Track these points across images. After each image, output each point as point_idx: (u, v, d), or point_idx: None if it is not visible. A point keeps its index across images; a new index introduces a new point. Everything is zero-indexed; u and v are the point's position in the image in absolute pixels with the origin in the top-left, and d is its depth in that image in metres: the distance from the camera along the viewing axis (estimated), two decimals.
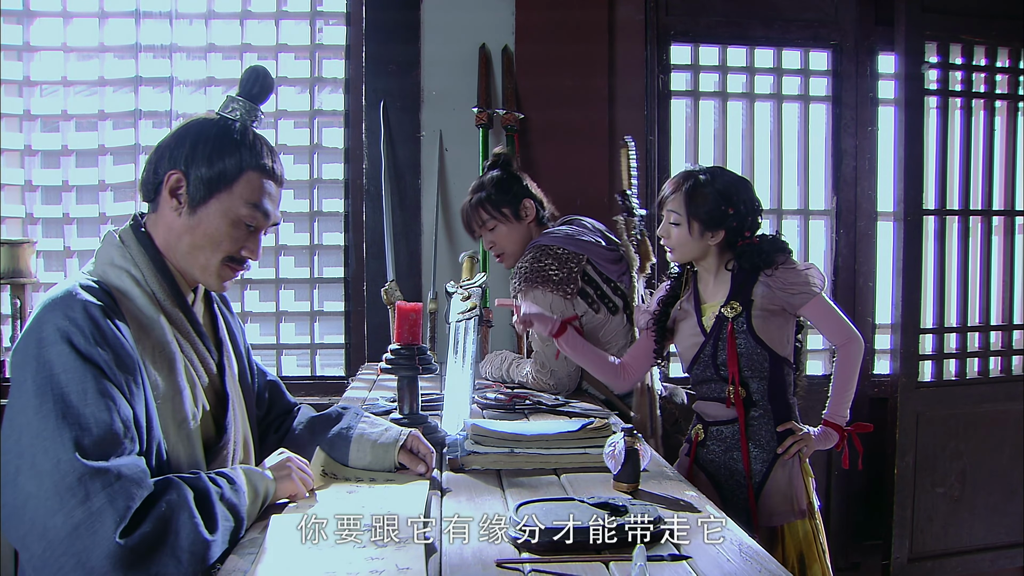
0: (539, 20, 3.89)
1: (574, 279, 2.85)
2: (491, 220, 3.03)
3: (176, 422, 1.53)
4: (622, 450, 1.72)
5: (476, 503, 1.66)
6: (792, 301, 2.42)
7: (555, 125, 3.89)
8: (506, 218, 3.03)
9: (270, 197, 1.66)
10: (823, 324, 2.45)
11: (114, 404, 1.36)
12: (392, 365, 2.11)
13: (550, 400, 2.69)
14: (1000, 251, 4.31)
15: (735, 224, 2.47)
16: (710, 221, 2.46)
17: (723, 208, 2.45)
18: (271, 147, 1.69)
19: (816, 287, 2.42)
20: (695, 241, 2.48)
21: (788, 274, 2.43)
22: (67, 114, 3.93)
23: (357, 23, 3.93)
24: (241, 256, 1.66)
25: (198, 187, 1.59)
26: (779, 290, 2.42)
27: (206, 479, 1.42)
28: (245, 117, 1.66)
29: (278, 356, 4.01)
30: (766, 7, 4.13)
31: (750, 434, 2.46)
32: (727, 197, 2.46)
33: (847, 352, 2.44)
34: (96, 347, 1.38)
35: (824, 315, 2.44)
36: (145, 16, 3.92)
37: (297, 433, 1.91)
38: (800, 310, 2.44)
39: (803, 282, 2.42)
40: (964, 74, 4.18)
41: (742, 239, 2.48)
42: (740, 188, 2.49)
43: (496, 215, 3.03)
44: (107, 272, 1.56)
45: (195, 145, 1.60)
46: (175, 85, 3.92)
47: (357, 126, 3.94)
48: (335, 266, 4.05)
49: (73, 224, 3.95)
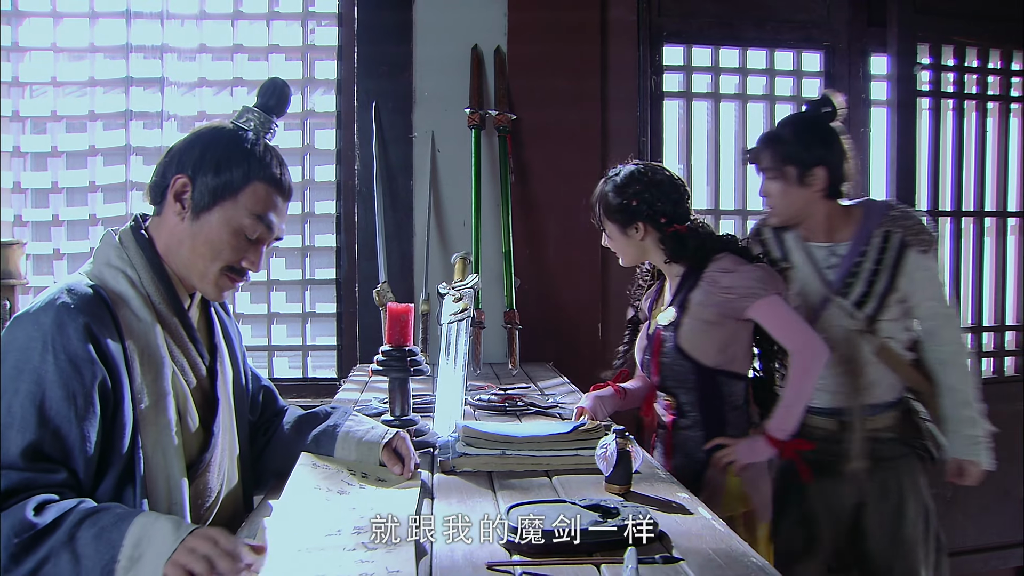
0: (531, 21, 3.88)
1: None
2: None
3: (158, 428, 1.52)
4: (614, 452, 1.71)
5: (467, 505, 1.65)
6: (736, 306, 2.28)
7: (547, 126, 3.89)
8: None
9: (275, 210, 1.66)
10: (773, 329, 2.29)
11: (40, 426, 1.36)
12: (383, 367, 2.11)
13: (542, 401, 2.68)
14: (992, 252, 4.32)
15: (647, 212, 2.36)
16: (621, 217, 2.39)
17: (624, 201, 2.37)
18: (281, 159, 1.69)
19: (762, 288, 2.27)
20: (624, 239, 2.42)
21: (728, 277, 2.29)
22: (57, 115, 3.91)
23: (349, 24, 3.92)
24: (241, 267, 1.66)
25: (203, 193, 1.59)
26: (720, 294, 2.29)
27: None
28: (259, 128, 1.67)
29: (270, 358, 4.00)
30: (759, 8, 4.13)
31: (677, 443, 2.39)
32: (623, 189, 2.37)
33: (799, 360, 2.25)
34: (51, 358, 1.39)
35: (773, 318, 2.28)
36: (136, 16, 3.90)
37: (285, 432, 1.91)
38: (747, 314, 2.28)
39: (746, 284, 2.28)
40: (956, 75, 4.20)
41: (669, 228, 2.38)
42: (637, 177, 2.38)
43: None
44: (103, 272, 1.56)
45: (204, 151, 1.60)
46: (166, 86, 3.90)
47: (349, 127, 3.92)
48: (327, 267, 4.03)
49: (63, 226, 3.92)
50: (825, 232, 2.57)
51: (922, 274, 2.49)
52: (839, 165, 2.52)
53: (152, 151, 3.88)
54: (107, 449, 1.44)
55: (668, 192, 2.38)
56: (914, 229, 2.49)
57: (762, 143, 2.58)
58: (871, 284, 2.49)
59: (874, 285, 2.49)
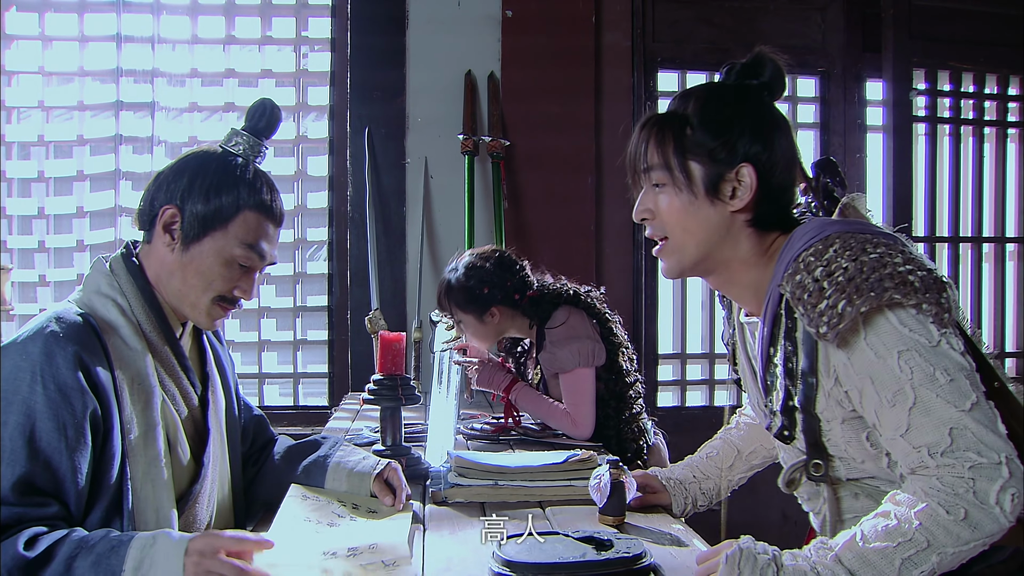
0: (525, 46, 3.87)
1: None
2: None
3: (147, 459, 1.48)
4: (607, 483, 1.67)
5: (459, 537, 1.60)
6: (554, 370, 2.56)
7: (541, 152, 3.87)
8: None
9: (267, 237, 1.62)
10: (564, 393, 2.54)
11: (30, 459, 1.33)
12: (375, 395, 2.08)
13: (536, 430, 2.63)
14: (991, 279, 4.29)
15: (500, 296, 2.57)
16: (476, 307, 2.58)
17: (476, 292, 2.57)
18: (272, 184, 1.64)
19: (564, 365, 2.51)
20: (482, 327, 2.62)
21: (551, 348, 2.54)
22: (44, 140, 3.87)
23: (342, 49, 3.91)
24: (233, 296, 1.62)
25: (192, 224, 1.55)
26: (546, 362, 2.56)
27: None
28: (248, 152, 1.62)
29: (260, 385, 3.95)
30: (753, 34, 4.12)
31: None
32: (469, 280, 2.57)
33: (563, 418, 2.51)
34: (41, 388, 1.35)
35: (568, 385, 2.53)
36: (127, 40, 3.88)
37: (275, 462, 1.87)
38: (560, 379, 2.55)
39: (553, 357, 2.53)
40: (952, 101, 4.19)
41: (524, 299, 2.60)
42: (478, 266, 2.59)
43: None
44: (93, 301, 1.53)
45: (193, 180, 1.56)
46: (157, 110, 3.87)
47: (342, 153, 3.90)
48: (319, 294, 4.00)
49: (48, 253, 3.87)
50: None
51: (847, 369, 1.32)
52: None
53: (141, 176, 3.84)
54: (96, 480, 1.41)
55: (509, 271, 2.62)
56: (808, 299, 1.28)
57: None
58: (788, 385, 1.41)
59: (791, 387, 1.41)
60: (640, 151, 1.43)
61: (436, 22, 3.88)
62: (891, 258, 1.27)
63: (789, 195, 1.45)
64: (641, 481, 1.79)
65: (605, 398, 2.59)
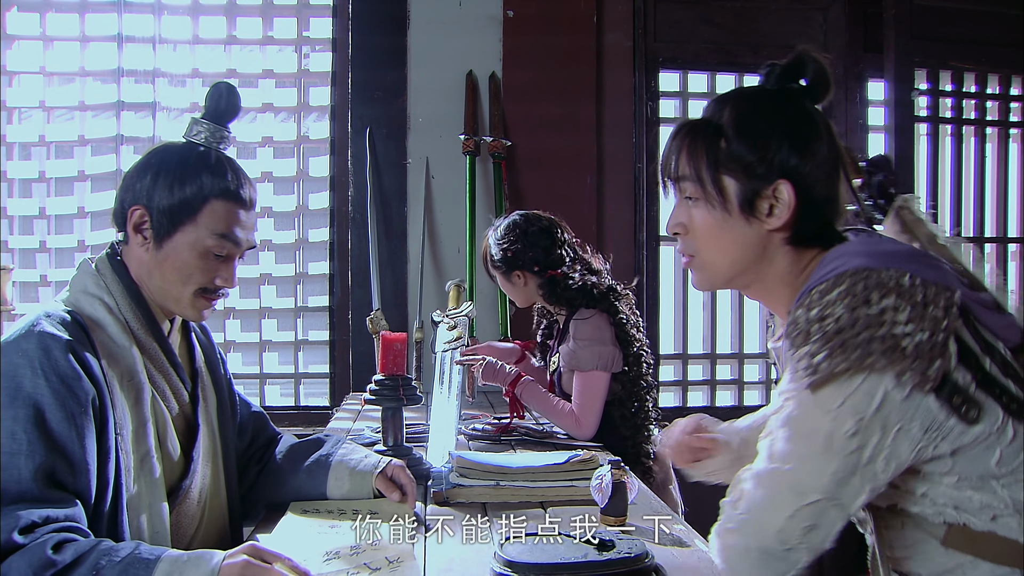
0: (527, 46, 3.87)
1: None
2: None
3: (139, 455, 1.48)
4: (609, 483, 1.66)
5: (460, 537, 1.59)
6: (569, 368, 2.57)
7: (543, 152, 3.87)
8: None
9: (239, 224, 1.59)
10: (575, 393, 2.55)
11: (48, 449, 1.32)
12: (376, 396, 2.08)
13: (537, 431, 2.63)
14: (993, 279, 4.26)
15: (522, 261, 2.63)
16: (502, 266, 2.67)
17: (502, 252, 2.64)
18: (238, 169, 1.61)
19: (582, 365, 2.53)
20: (510, 286, 2.71)
21: (574, 344, 2.55)
22: (45, 140, 3.87)
23: (343, 50, 3.91)
24: (215, 286, 1.60)
25: (161, 221, 1.54)
26: (566, 357, 2.57)
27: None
28: (211, 140, 1.60)
29: (261, 386, 3.94)
30: (754, 34, 4.12)
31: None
32: (500, 241, 2.65)
33: (568, 417, 2.52)
34: (43, 380, 1.35)
35: (578, 386, 2.54)
36: (128, 41, 3.88)
37: (278, 462, 1.87)
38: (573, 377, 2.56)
39: (574, 354, 2.54)
40: (954, 101, 4.18)
41: (544, 274, 2.63)
42: (511, 228, 2.66)
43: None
44: (80, 300, 1.53)
45: (156, 176, 1.54)
46: (158, 111, 3.87)
47: (343, 154, 3.90)
48: (320, 295, 4.00)
49: (49, 253, 3.87)
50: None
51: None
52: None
53: None
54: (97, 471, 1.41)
55: (538, 241, 2.64)
56: (796, 338, 1.20)
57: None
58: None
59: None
60: (672, 161, 1.33)
61: (437, 22, 3.88)
62: (894, 314, 1.13)
63: (831, 208, 1.33)
64: (692, 426, 1.66)
65: (622, 399, 2.60)
